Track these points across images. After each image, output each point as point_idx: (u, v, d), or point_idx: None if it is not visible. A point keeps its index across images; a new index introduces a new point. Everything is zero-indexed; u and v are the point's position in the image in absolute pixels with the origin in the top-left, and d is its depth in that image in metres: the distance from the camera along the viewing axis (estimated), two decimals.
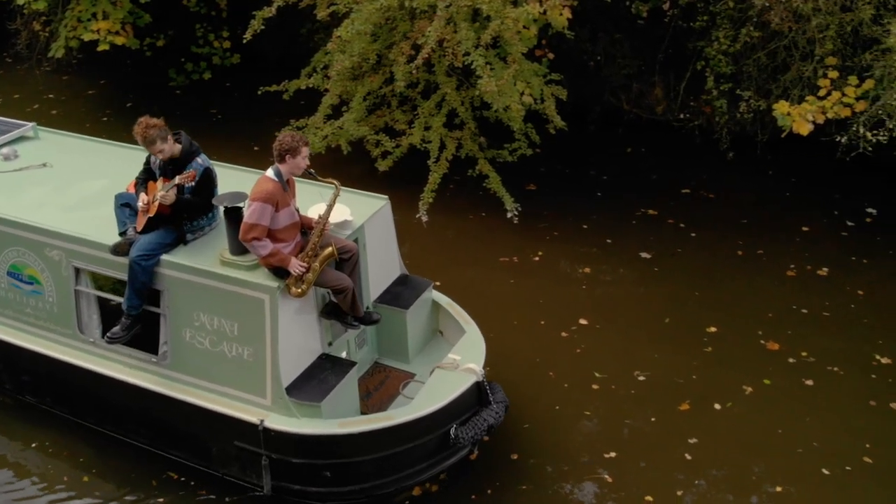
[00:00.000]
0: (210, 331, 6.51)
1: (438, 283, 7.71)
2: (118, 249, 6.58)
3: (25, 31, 15.20)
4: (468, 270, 9.46)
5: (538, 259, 9.75)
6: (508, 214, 9.91)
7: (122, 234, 6.66)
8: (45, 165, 7.96)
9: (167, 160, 6.51)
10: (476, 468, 7.03)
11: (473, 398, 6.75)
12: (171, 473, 7.09)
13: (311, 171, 6.33)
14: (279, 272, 6.24)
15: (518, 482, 6.93)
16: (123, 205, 6.74)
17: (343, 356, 6.94)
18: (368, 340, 7.35)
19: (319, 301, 6.69)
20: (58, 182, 7.68)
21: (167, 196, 6.34)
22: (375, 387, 7.18)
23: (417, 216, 9.76)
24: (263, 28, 10.46)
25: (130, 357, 6.93)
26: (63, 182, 7.67)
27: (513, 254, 9.81)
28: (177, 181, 6.37)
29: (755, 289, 9.07)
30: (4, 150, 8.12)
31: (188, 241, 6.64)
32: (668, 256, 9.67)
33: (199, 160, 6.55)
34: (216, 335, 6.51)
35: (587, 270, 9.52)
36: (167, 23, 14.54)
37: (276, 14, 10.46)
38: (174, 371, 6.78)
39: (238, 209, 6.30)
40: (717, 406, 7.60)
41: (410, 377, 7.23)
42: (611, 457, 7.11)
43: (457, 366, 6.78)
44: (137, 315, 6.69)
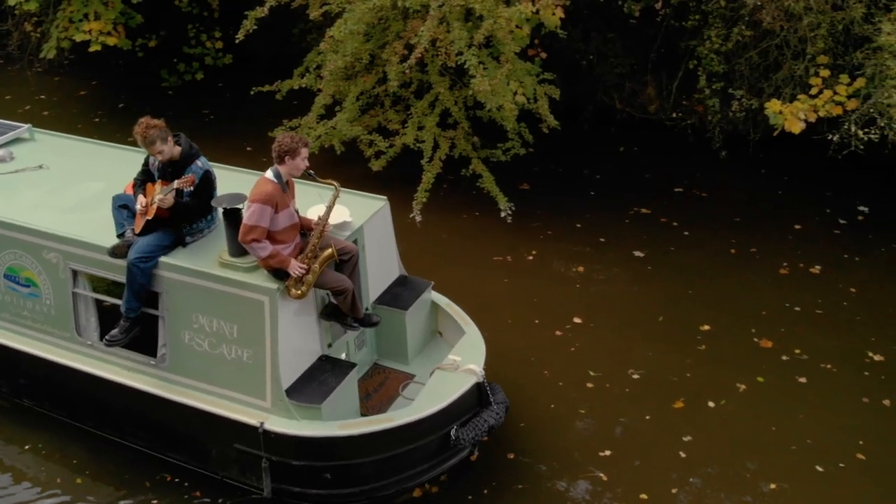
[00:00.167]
0: (209, 333, 6.49)
1: (433, 284, 7.72)
2: (116, 251, 6.53)
3: (17, 32, 15.16)
4: (462, 270, 9.47)
5: (532, 258, 9.76)
6: (502, 214, 9.92)
7: (121, 236, 6.62)
8: (42, 167, 7.92)
9: (166, 162, 6.47)
10: (475, 468, 7.03)
11: (474, 399, 6.74)
12: (166, 475, 7.07)
13: (311, 173, 6.31)
14: (279, 274, 6.22)
15: (515, 482, 6.94)
16: (121, 206, 6.70)
17: (343, 357, 6.93)
18: (368, 342, 7.34)
19: (319, 302, 6.67)
20: (54, 184, 7.64)
21: (165, 199, 6.30)
22: (375, 388, 7.17)
23: (411, 216, 9.76)
24: (256, 28, 10.45)
25: (129, 360, 6.90)
26: (60, 184, 7.63)
27: (506, 253, 9.82)
28: (175, 185, 6.33)
29: (748, 287, 9.10)
30: (0, 152, 8.08)
31: (187, 244, 6.61)
32: (662, 255, 9.69)
33: (199, 163, 6.52)
34: (215, 337, 6.48)
35: (581, 269, 9.54)
36: (159, 23, 14.50)
37: (269, 14, 10.44)
38: (173, 373, 6.74)
39: (237, 211, 6.28)
40: (711, 404, 7.62)
41: (410, 378, 7.22)
42: (606, 455, 7.13)
43: (457, 367, 6.77)
44: (136, 317, 6.65)
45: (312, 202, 6.81)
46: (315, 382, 6.46)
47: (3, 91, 14.66)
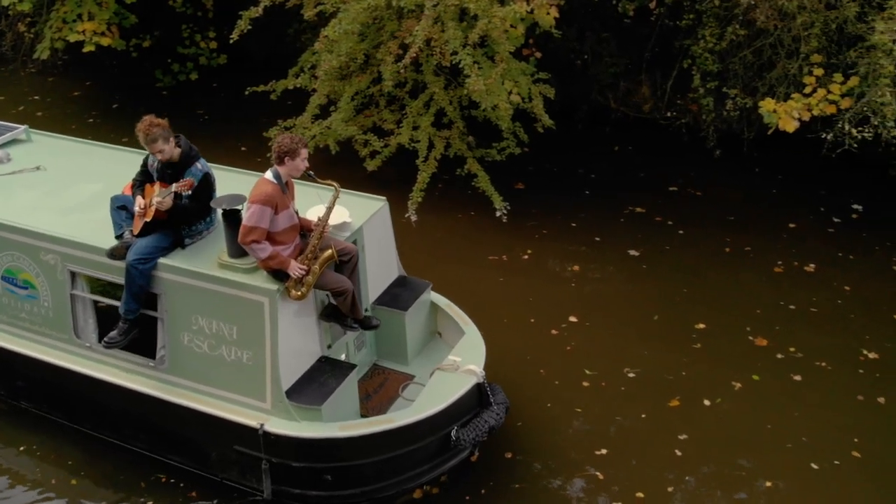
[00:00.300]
0: (208, 334, 6.46)
1: (432, 285, 7.72)
2: (115, 253, 6.50)
3: (10, 33, 15.12)
4: (457, 269, 9.47)
5: (527, 257, 9.77)
6: (497, 213, 9.93)
7: (119, 238, 6.59)
8: (39, 168, 7.87)
9: (165, 163, 6.43)
10: (473, 468, 7.03)
11: (474, 400, 6.73)
12: (161, 476, 7.06)
13: (311, 173, 6.29)
14: (278, 275, 6.20)
15: (512, 481, 6.94)
16: (120, 207, 6.66)
17: (342, 359, 6.91)
18: (367, 342, 7.32)
19: (319, 304, 6.64)
20: (52, 185, 7.60)
21: (164, 202, 6.27)
22: (375, 389, 7.15)
23: (406, 216, 9.77)
24: (250, 28, 10.43)
25: (128, 361, 6.87)
26: (57, 185, 7.59)
27: (502, 252, 9.83)
28: (173, 189, 6.29)
29: (743, 285, 9.12)
30: None
31: (186, 245, 6.58)
32: (657, 254, 9.71)
33: (199, 165, 6.48)
34: (215, 339, 6.45)
35: (576, 268, 9.55)
36: (153, 23, 14.47)
37: (263, 14, 10.44)
38: (172, 375, 6.71)
39: (237, 212, 6.25)
40: (707, 402, 7.64)
41: (410, 379, 7.20)
42: (602, 454, 7.14)
43: (457, 367, 6.75)
44: (135, 319, 6.62)
45: (312, 203, 6.78)
46: (315, 384, 6.44)
47: None
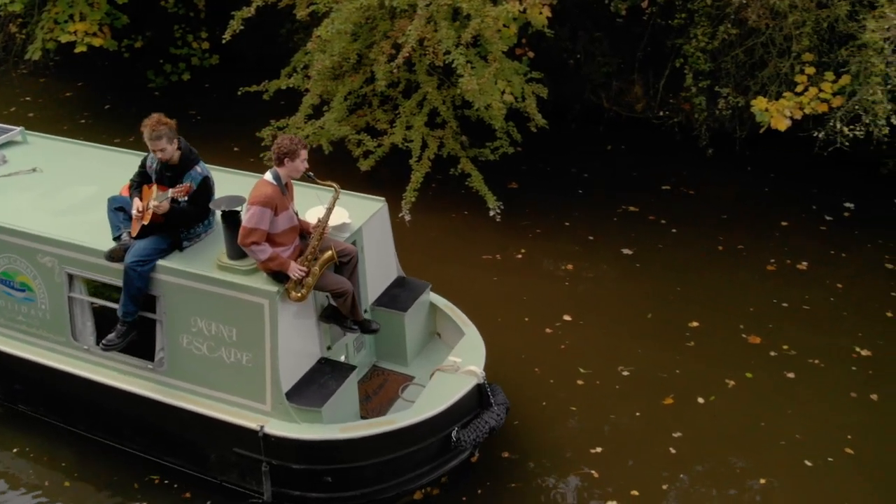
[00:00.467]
0: (208, 336, 6.43)
1: (431, 285, 7.72)
2: (113, 255, 6.46)
3: (1, 34, 15.07)
4: (451, 269, 9.47)
5: (521, 256, 9.78)
6: (491, 213, 9.94)
7: (117, 239, 6.54)
8: (35, 170, 7.82)
9: (164, 164, 6.39)
10: (472, 469, 7.02)
11: (474, 400, 6.71)
12: (154, 477, 7.04)
13: (310, 175, 6.25)
14: (278, 276, 6.17)
15: (509, 480, 6.95)
16: (117, 209, 6.61)
17: (342, 360, 6.89)
18: (367, 343, 7.30)
19: (318, 305, 6.62)
20: (48, 187, 7.55)
21: (161, 206, 6.23)
22: (374, 390, 7.13)
23: (400, 215, 9.76)
24: (242, 28, 10.43)
25: (126, 364, 6.83)
26: (54, 187, 7.54)
27: (496, 252, 9.84)
28: (170, 194, 6.25)
29: (736, 283, 9.15)
30: None
31: (184, 248, 6.54)
32: (650, 252, 9.73)
33: (199, 168, 6.44)
34: (214, 341, 6.42)
35: (570, 267, 9.56)
36: (145, 24, 14.45)
37: (256, 14, 10.43)
38: (171, 378, 6.68)
39: (236, 213, 6.22)
40: (701, 400, 7.66)
41: (409, 380, 7.18)
42: (597, 452, 7.15)
43: (457, 368, 6.73)
44: (133, 321, 6.58)
45: (311, 204, 6.76)
46: (315, 385, 6.41)
47: None
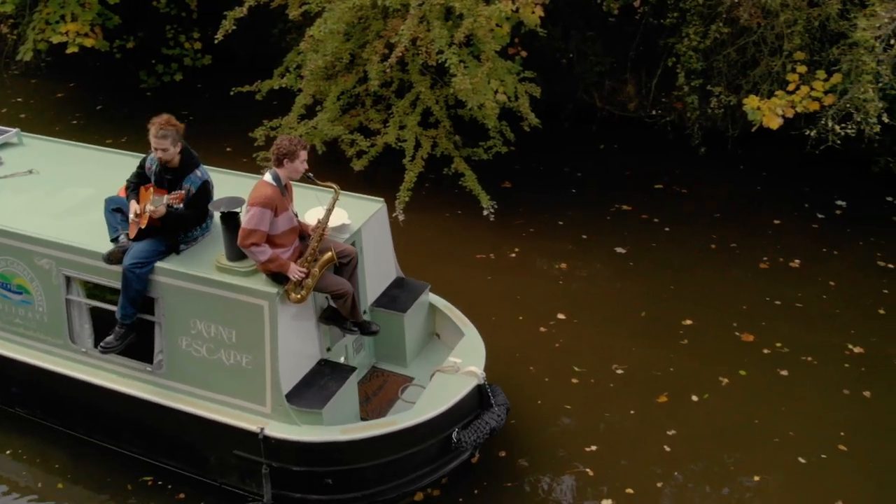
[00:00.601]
0: (207, 338, 6.40)
1: (430, 286, 7.72)
2: (112, 257, 6.42)
3: None
4: (445, 268, 9.47)
5: (515, 256, 9.79)
6: (484, 212, 9.94)
7: (114, 241, 6.51)
8: (31, 172, 7.78)
9: (164, 166, 6.35)
10: (474, 470, 7.02)
11: (475, 401, 6.69)
12: (147, 479, 7.02)
13: (310, 175, 6.23)
14: (278, 278, 6.15)
15: (504, 479, 6.95)
16: (114, 209, 6.57)
17: (341, 361, 6.87)
18: (366, 345, 7.28)
19: (318, 306, 6.60)
20: (45, 189, 7.50)
21: (157, 211, 6.20)
22: (374, 391, 7.11)
23: (394, 215, 9.72)
24: (235, 29, 10.40)
25: (124, 366, 6.79)
26: (50, 189, 7.49)
27: (489, 251, 9.85)
28: (165, 201, 6.21)
29: (729, 281, 9.18)
30: None
31: (181, 251, 6.50)
32: (643, 251, 9.75)
33: (199, 172, 6.40)
34: (213, 343, 6.39)
35: (563, 266, 9.58)
36: (137, 24, 14.41)
37: (248, 14, 10.41)
38: (170, 380, 6.65)
39: (235, 214, 6.19)
40: (695, 398, 7.68)
41: (409, 381, 7.16)
42: (592, 450, 7.17)
43: (457, 369, 6.71)
44: (131, 324, 6.54)
45: (310, 205, 6.74)
46: (315, 387, 6.38)
47: None
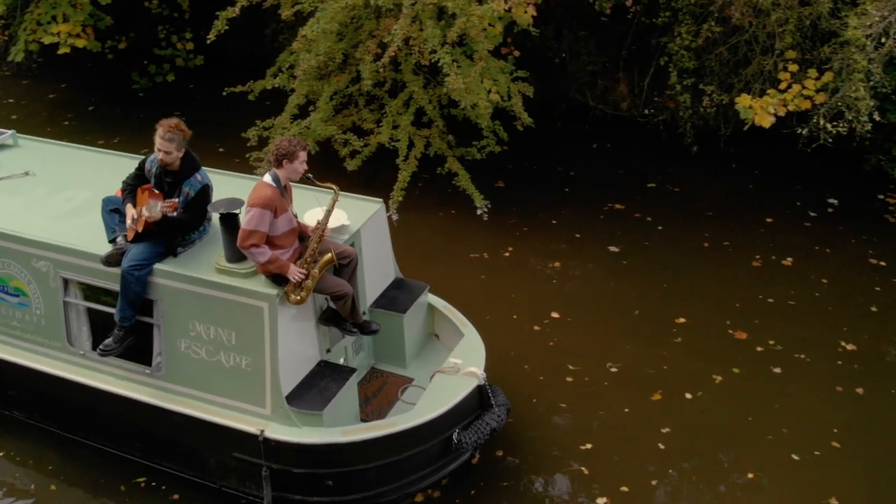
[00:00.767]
0: (206, 340, 6.37)
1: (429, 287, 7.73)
2: (110, 260, 6.38)
3: None
4: (439, 267, 9.47)
5: (508, 255, 9.80)
6: (478, 211, 9.97)
7: (112, 242, 6.47)
8: (28, 174, 7.74)
9: (164, 169, 6.31)
10: (473, 470, 7.01)
11: (475, 402, 6.68)
12: (140, 480, 6.99)
13: (310, 176, 6.21)
14: (277, 279, 6.12)
15: (500, 478, 6.96)
16: (112, 210, 6.54)
17: (341, 362, 6.86)
18: (365, 346, 7.26)
19: (317, 307, 6.59)
20: (42, 191, 7.46)
21: (153, 216, 6.15)
22: (374, 393, 7.09)
23: (388, 214, 9.73)
24: (227, 29, 10.38)
25: (123, 369, 6.75)
26: (47, 190, 7.45)
27: (483, 250, 9.86)
28: (160, 208, 6.16)
29: (722, 280, 9.21)
30: None
31: (178, 254, 6.46)
32: (636, 250, 9.78)
33: (199, 176, 6.36)
34: (213, 345, 6.36)
35: (557, 265, 9.59)
36: (129, 25, 14.39)
37: (240, 14, 10.39)
38: (169, 382, 6.61)
39: (234, 216, 6.16)
40: (689, 396, 7.70)
41: (409, 382, 7.15)
42: (586, 448, 7.18)
43: (458, 370, 6.70)
44: (130, 326, 6.50)
45: (309, 206, 6.72)
46: (315, 388, 6.35)
47: None
